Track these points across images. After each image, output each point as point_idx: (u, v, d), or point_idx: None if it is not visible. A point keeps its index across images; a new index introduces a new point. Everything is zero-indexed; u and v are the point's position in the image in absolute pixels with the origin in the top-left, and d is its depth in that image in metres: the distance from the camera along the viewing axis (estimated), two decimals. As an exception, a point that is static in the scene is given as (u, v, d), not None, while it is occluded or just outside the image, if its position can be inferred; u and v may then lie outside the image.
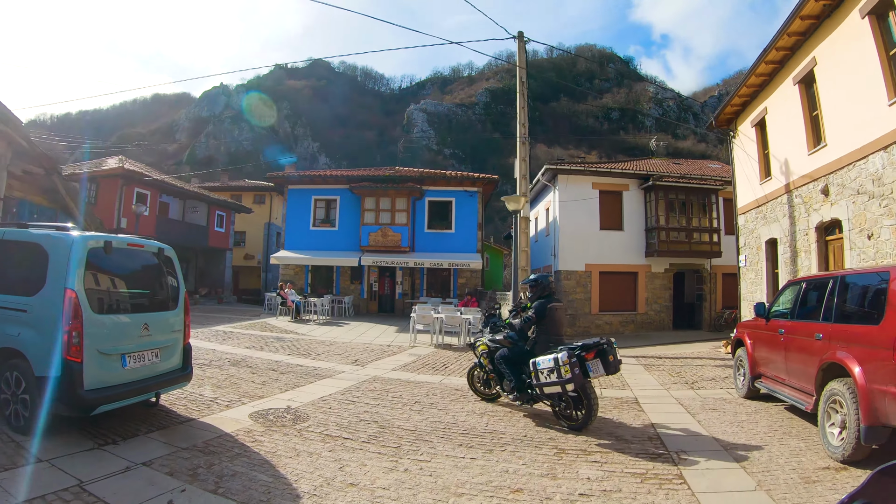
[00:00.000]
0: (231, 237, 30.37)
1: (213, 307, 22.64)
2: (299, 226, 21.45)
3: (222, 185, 36.50)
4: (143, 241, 5.55)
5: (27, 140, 8.48)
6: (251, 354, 9.84)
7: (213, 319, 16.57)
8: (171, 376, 5.34)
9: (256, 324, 15.59)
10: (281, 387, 7.18)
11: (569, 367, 5.04)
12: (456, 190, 20.87)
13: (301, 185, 21.88)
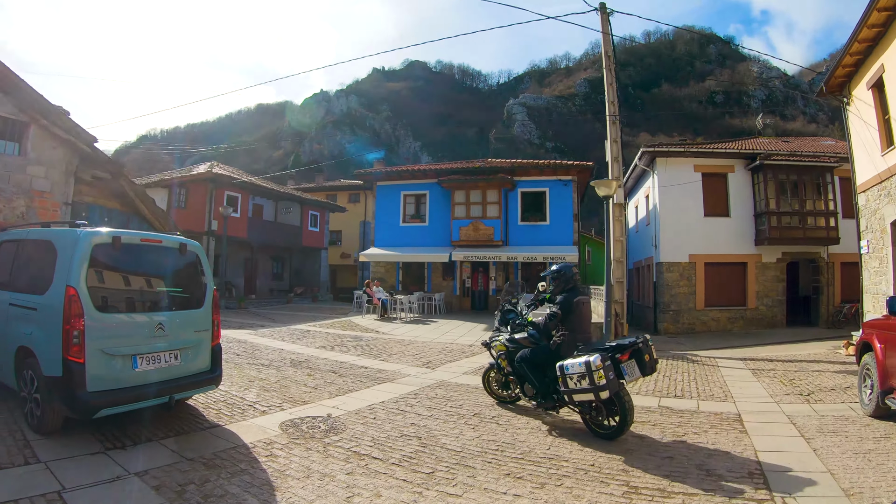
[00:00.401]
0: (326, 236, 31.96)
1: (304, 306, 23.80)
2: (389, 222, 21.98)
3: (317, 185, 38.79)
4: (163, 237, 5.43)
5: (90, 146, 9.15)
6: (318, 355, 9.75)
7: (298, 318, 17.22)
8: (195, 379, 5.14)
9: (339, 322, 15.85)
10: (333, 391, 6.82)
11: (603, 371, 4.60)
12: (549, 179, 20.50)
13: (389, 181, 22.43)
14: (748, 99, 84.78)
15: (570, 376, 4.80)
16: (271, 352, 9.79)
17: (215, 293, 5.63)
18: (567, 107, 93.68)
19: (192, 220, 21.79)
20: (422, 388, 7.20)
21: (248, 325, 14.33)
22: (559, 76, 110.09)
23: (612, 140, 11.99)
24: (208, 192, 21.98)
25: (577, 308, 5.37)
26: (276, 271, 30.00)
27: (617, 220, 11.84)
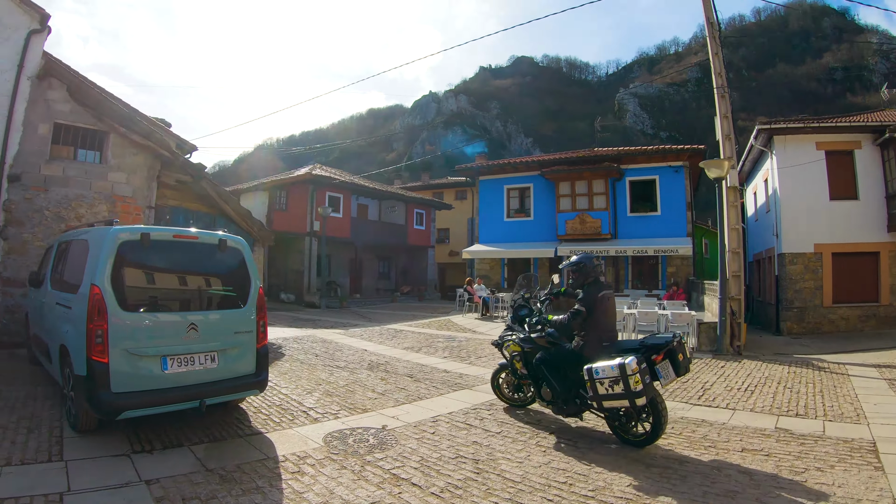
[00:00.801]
0: (432, 234, 32.44)
1: (408, 305, 24.11)
2: (493, 217, 22.10)
3: (423, 184, 39.68)
4: (200, 233, 5.34)
5: (170, 150, 9.75)
6: (400, 357, 9.44)
7: (396, 317, 17.32)
8: (236, 383, 4.99)
9: (437, 321, 15.63)
10: (400, 398, 6.38)
11: (639, 376, 4.33)
12: (659, 166, 19.54)
13: (491, 175, 22.55)
14: (869, 73, 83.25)
15: (601, 381, 4.49)
16: (352, 353, 9.69)
17: (261, 292, 5.45)
18: (679, 94, 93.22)
19: (293, 221, 23.13)
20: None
21: (342, 325, 14.62)
22: (669, 62, 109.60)
23: (723, 115, 11.05)
24: (309, 194, 23.13)
25: (601, 303, 5.08)
26: (382, 271, 30.95)
27: (731, 205, 10.62)
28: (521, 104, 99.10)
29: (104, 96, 8.93)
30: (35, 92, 8.42)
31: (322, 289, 23.85)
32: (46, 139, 8.57)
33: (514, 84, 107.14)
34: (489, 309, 17.05)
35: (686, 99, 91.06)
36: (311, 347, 10.15)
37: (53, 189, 8.59)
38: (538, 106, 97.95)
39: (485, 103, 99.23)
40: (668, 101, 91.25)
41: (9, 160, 8.09)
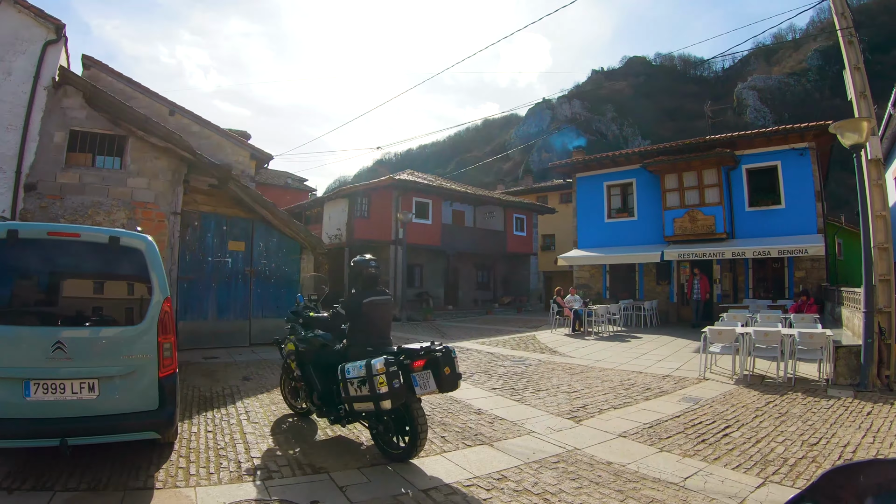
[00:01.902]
0: (534, 241, 30.39)
1: (502, 317, 22.26)
2: (592, 219, 19.85)
3: (526, 188, 37.77)
4: (83, 229, 4.22)
5: (192, 152, 9.09)
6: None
7: (476, 332, 15.63)
8: (125, 421, 3.89)
9: (517, 339, 13.71)
10: (381, 457, 4.77)
11: (385, 378, 4.18)
12: (780, 150, 16.16)
13: (589, 171, 20.27)
14: None
15: (351, 381, 4.43)
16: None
17: (166, 306, 4.19)
18: (800, 84, 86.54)
19: (375, 229, 22.41)
20: (528, 462, 4.58)
21: (407, 341, 13.20)
22: (787, 51, 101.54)
23: (853, 67, 8.41)
24: (393, 200, 22.28)
25: (368, 309, 4.90)
26: (480, 280, 29.39)
27: (875, 184, 7.66)
28: (637, 106, 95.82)
29: (115, 99, 8.49)
30: (51, 101, 8.29)
31: (414, 301, 22.91)
32: (62, 147, 8.33)
33: (628, 85, 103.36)
34: (582, 323, 14.73)
35: (808, 89, 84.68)
36: (344, 371, 8.88)
37: (69, 197, 8.26)
38: (654, 106, 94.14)
39: (599, 107, 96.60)
40: (790, 93, 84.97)
41: (25, 170, 7.88)
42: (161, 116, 13.44)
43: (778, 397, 6.90)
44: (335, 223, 23.74)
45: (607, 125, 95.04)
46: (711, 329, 8.55)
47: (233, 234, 10.26)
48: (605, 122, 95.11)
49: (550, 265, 32.72)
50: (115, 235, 4.22)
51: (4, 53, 7.95)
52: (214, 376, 7.76)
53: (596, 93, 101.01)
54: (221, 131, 15.01)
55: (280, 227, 10.74)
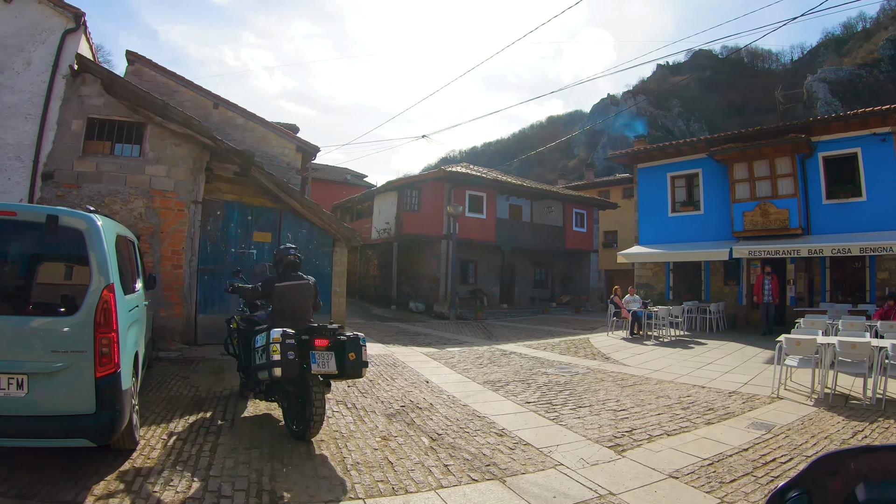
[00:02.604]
0: (595, 237, 28.80)
1: (558, 317, 20.93)
2: (654, 213, 18.18)
3: (587, 182, 36.04)
4: (19, 208, 3.72)
5: (212, 138, 8.60)
6: (462, 397, 6.80)
7: (525, 334, 14.53)
8: (56, 425, 3.48)
9: (568, 342, 12.52)
10: (367, 487, 3.89)
11: (279, 346, 4.38)
12: (860, 135, 14.20)
13: (651, 162, 18.55)
14: None
15: (256, 350, 4.72)
16: (403, 385, 7.36)
17: (107, 294, 3.61)
18: (872, 75, 79.71)
19: (426, 223, 21.65)
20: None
21: (445, 342, 12.41)
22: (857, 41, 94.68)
23: None
24: (445, 193, 21.42)
25: (280, 292, 5.14)
26: (538, 278, 28.09)
27: None
28: (703, 100, 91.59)
29: (132, 85, 8.16)
30: (69, 90, 8.10)
31: (468, 299, 22.01)
32: (79, 135, 8.09)
33: (694, 80, 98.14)
34: (641, 326, 13.31)
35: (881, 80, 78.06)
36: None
37: (86, 185, 8.01)
38: (721, 101, 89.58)
39: (665, 102, 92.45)
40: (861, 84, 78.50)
41: (43, 159, 7.69)
42: (205, 109, 13.27)
43: (867, 425, 5.55)
44: (384, 217, 23.22)
45: (673, 120, 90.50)
46: (788, 338, 7.11)
47: (258, 225, 9.75)
48: (671, 118, 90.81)
49: (612, 263, 30.83)
50: (53, 214, 3.68)
51: (24, 44, 7.87)
52: (221, 374, 7.20)
53: (661, 88, 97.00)
54: (267, 123, 14.72)
55: (310, 218, 10.14)
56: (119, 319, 3.86)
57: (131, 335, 4.41)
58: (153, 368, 7.20)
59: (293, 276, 5.32)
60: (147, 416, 5.28)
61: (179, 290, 8.48)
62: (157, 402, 5.77)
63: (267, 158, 14.28)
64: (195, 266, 8.51)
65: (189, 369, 7.45)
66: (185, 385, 6.59)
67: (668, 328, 13.49)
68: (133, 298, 4.73)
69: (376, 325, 15.43)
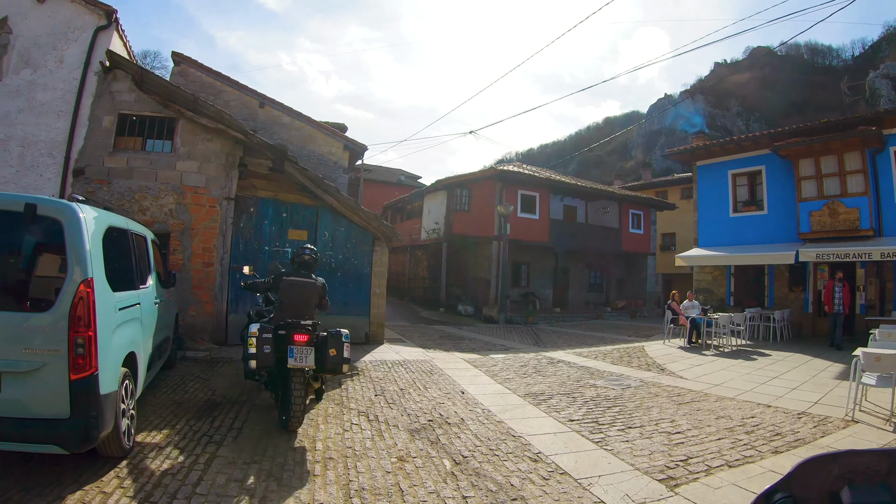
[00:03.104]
0: (652, 239, 27.21)
1: (612, 323, 19.69)
2: (714, 213, 16.85)
3: (644, 182, 34.35)
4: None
5: (244, 132, 8.28)
6: (500, 411, 6.07)
7: (576, 340, 13.57)
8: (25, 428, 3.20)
9: (621, 350, 11.50)
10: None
11: (255, 340, 4.62)
12: None
13: (711, 159, 17.18)
14: None
15: (244, 340, 4.90)
16: (436, 396, 6.70)
17: (84, 290, 3.30)
18: None
19: (476, 223, 20.93)
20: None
21: (490, 348, 11.68)
22: None
23: None
24: (496, 193, 20.64)
25: (285, 286, 5.20)
26: (593, 282, 26.78)
27: None
28: (763, 99, 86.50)
29: (168, 82, 8.00)
30: (101, 86, 8.08)
31: (520, 302, 21.16)
32: (110, 131, 8.00)
33: (753, 78, 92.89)
34: (699, 335, 12.09)
35: None
36: (396, 378, 7.52)
37: (116, 181, 7.88)
38: (781, 100, 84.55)
39: (723, 101, 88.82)
40: None
41: (74, 155, 7.62)
42: (251, 109, 13.19)
43: None
44: (434, 217, 22.69)
45: (732, 120, 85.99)
46: (866, 352, 5.96)
47: (294, 222, 9.39)
48: (730, 118, 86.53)
49: (670, 266, 29.11)
50: (32, 202, 3.38)
51: (57, 42, 7.92)
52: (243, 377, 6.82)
53: (719, 87, 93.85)
54: (313, 122, 14.53)
55: (348, 215, 9.71)
56: (99, 318, 3.49)
57: (122, 335, 4.02)
58: (174, 369, 6.92)
59: (303, 275, 5.37)
60: (152, 420, 4.92)
61: (210, 289, 8.24)
62: (166, 406, 5.41)
63: (313, 157, 14.06)
64: (227, 264, 8.24)
65: (212, 370, 7.13)
66: (203, 387, 6.23)
67: (728, 337, 12.21)
68: (129, 296, 4.35)
69: (420, 329, 14.90)
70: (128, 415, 4.07)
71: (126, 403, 4.02)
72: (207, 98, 12.14)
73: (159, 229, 7.96)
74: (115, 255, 4.53)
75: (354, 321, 10.17)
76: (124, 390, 3.98)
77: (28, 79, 7.77)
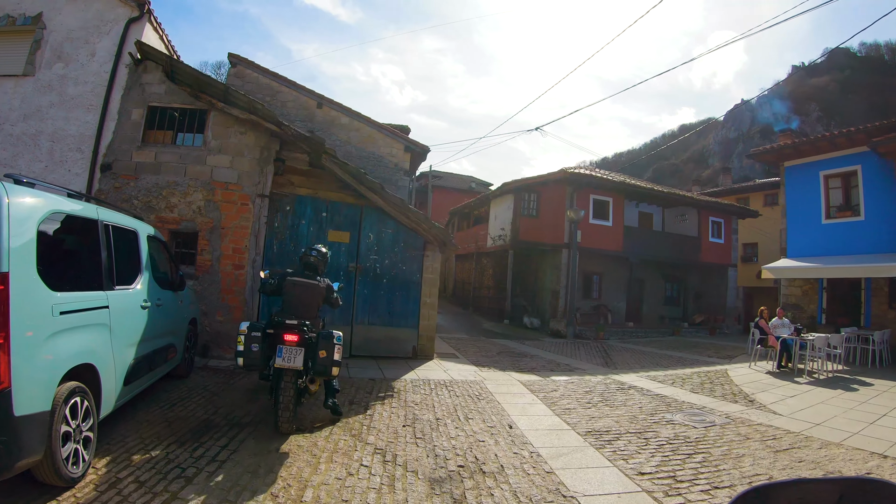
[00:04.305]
0: (734, 250, 24.39)
1: (690, 341, 17.41)
2: (805, 219, 14.63)
3: (724, 188, 31.30)
4: None
5: (278, 123, 7.49)
6: (553, 457, 4.74)
7: (650, 361, 11.80)
8: None
9: (703, 375, 9.70)
10: None
11: (243, 338, 4.49)
12: None
13: (801, 159, 14.90)
14: None
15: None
16: (475, 431, 5.47)
17: None
18: None
19: (544, 230, 19.38)
20: None
21: (554, 367, 10.26)
22: None
23: None
24: (566, 197, 19.01)
25: (288, 286, 5.07)
26: (669, 294, 24.34)
27: None
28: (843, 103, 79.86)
29: (199, 71, 7.42)
30: (131, 78, 7.68)
31: (590, 315, 19.44)
32: (139, 124, 7.51)
33: (832, 81, 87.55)
34: (790, 358, 10.05)
35: None
36: (435, 402, 6.37)
37: (144, 177, 7.34)
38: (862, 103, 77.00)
39: (802, 106, 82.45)
40: None
41: (102, 150, 7.19)
42: (308, 109, 12.71)
43: None
44: (500, 223, 21.35)
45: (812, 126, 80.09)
46: None
47: (334, 223, 8.48)
48: (810, 123, 79.87)
49: (751, 279, 26.14)
50: None
51: (90, 36, 7.62)
52: (257, 394, 5.91)
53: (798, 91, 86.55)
54: (373, 123, 13.85)
55: (395, 216, 8.72)
56: (17, 321, 2.69)
57: (67, 344, 3.23)
58: (188, 379, 6.19)
59: (307, 276, 5.20)
60: (128, 442, 4.11)
61: (240, 293, 7.48)
62: (154, 424, 4.60)
63: (373, 159, 13.41)
64: (259, 266, 7.51)
65: (228, 383, 6.31)
66: (206, 404, 5.38)
67: (825, 360, 10.10)
68: (85, 298, 3.54)
69: (480, 342, 13.66)
70: (77, 438, 3.27)
71: (73, 425, 3.21)
72: (264, 99, 11.72)
73: (187, 227, 7.36)
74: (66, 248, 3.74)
75: (401, 333, 9.16)
76: (70, 410, 3.17)
77: (60, 73, 7.50)
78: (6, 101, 7.33)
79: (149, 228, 5.18)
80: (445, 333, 14.66)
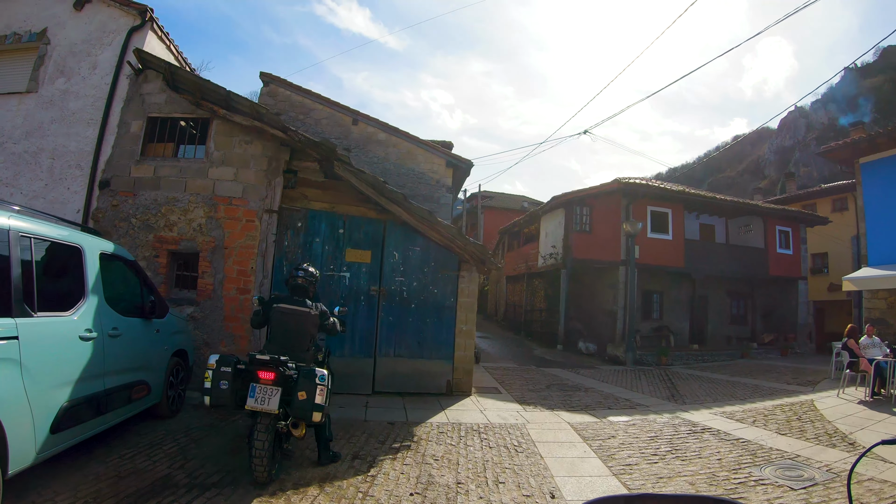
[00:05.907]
0: (803, 261, 21.72)
1: (763, 363, 15.12)
2: (888, 222, 12.51)
3: (788, 195, 28.48)
4: None
5: (284, 129, 6.66)
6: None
7: (719, 389, 10.03)
8: None
9: (786, 408, 7.94)
10: None
11: (211, 374, 3.89)
12: None
13: (880, 153, 12.86)
14: None
15: None
16: (505, 502, 4.28)
17: None
18: None
19: (599, 246, 17.73)
20: None
21: (614, 403, 8.77)
22: None
23: None
24: (622, 209, 17.38)
25: (274, 315, 4.42)
26: (735, 312, 21.87)
27: None
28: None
29: (200, 77, 6.77)
30: (132, 89, 7.21)
31: (651, 337, 17.60)
32: (138, 137, 6.95)
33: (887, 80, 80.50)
34: (885, 384, 8.12)
35: None
36: (461, 457, 5.15)
37: (142, 193, 6.69)
38: None
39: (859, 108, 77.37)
40: None
41: (101, 166, 6.64)
42: (343, 126, 12.18)
43: None
44: (551, 240, 19.83)
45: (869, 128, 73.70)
46: None
47: (353, 240, 7.38)
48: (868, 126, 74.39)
49: (821, 293, 23.30)
50: None
51: (92, 48, 7.30)
52: (242, 444, 4.94)
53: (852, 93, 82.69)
54: (412, 138, 13.08)
55: (424, 231, 7.65)
56: None
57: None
58: (171, 420, 5.31)
59: (296, 301, 4.56)
60: (57, 501, 3.20)
61: (246, 321, 6.54)
62: (101, 479, 3.68)
63: (413, 175, 12.65)
64: (267, 290, 6.64)
65: (214, 426, 5.34)
66: (176, 454, 4.40)
67: None
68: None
69: (529, 372, 12.23)
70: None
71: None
72: (297, 117, 11.13)
73: (186, 248, 6.62)
74: None
75: (433, 366, 7.87)
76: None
77: (62, 88, 7.14)
78: (9, 118, 6.99)
79: (105, 245, 4.36)
80: (491, 362, 13.37)
